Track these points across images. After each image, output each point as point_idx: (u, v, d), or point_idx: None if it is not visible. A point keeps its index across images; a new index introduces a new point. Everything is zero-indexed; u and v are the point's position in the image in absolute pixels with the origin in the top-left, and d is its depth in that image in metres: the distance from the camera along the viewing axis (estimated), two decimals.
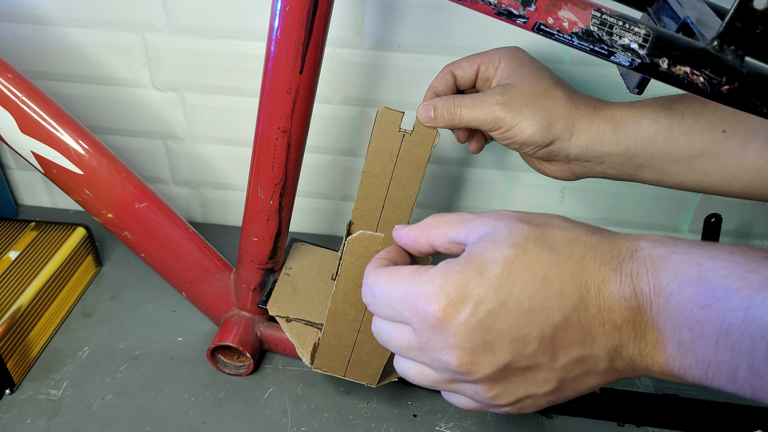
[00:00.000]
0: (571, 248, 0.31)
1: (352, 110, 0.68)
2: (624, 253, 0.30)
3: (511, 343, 0.30)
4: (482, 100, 0.47)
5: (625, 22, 0.35)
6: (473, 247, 0.32)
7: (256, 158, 0.50)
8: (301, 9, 0.42)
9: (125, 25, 0.65)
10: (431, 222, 0.36)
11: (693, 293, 0.27)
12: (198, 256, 0.58)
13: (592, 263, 0.30)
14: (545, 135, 0.46)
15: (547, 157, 0.49)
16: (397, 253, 0.37)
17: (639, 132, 0.46)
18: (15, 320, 0.57)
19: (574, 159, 0.49)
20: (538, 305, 0.29)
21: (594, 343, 0.30)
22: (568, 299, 0.29)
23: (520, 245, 0.30)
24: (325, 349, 0.49)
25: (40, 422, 0.54)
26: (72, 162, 0.51)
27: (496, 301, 0.29)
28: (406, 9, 0.60)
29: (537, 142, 0.47)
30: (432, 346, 0.31)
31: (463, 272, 0.30)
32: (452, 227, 0.35)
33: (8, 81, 0.49)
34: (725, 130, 0.44)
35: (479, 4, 0.36)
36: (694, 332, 0.27)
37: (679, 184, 0.48)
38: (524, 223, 0.32)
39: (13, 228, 0.68)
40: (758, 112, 0.35)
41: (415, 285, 0.31)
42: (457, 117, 0.48)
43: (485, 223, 0.33)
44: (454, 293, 0.30)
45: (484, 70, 0.50)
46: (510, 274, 0.30)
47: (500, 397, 0.32)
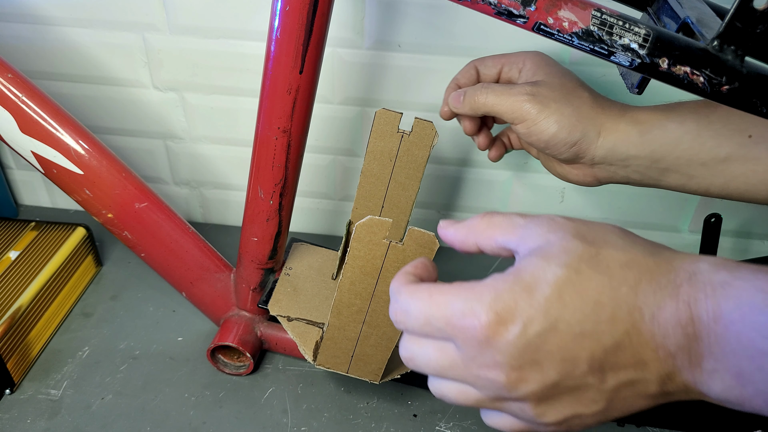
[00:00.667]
0: (626, 271, 0.30)
1: (352, 110, 0.68)
2: (682, 276, 0.29)
3: (560, 364, 0.29)
4: (511, 88, 0.46)
5: (625, 22, 0.35)
6: (524, 263, 0.30)
7: (256, 158, 0.50)
8: (301, 9, 0.42)
9: (125, 25, 0.65)
10: (480, 223, 0.34)
11: (756, 322, 0.26)
12: (198, 256, 0.58)
13: (647, 288, 0.29)
14: (571, 132, 0.46)
15: (571, 159, 0.48)
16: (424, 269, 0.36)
17: (665, 135, 0.45)
18: (15, 320, 0.57)
19: (599, 162, 0.48)
20: (588, 329, 0.29)
21: (645, 368, 0.29)
22: (620, 324, 0.28)
23: (572, 266, 0.29)
24: (328, 344, 0.49)
25: (40, 422, 0.54)
26: (72, 162, 0.51)
27: (546, 323, 0.29)
28: (406, 9, 0.60)
29: (563, 139, 0.46)
30: (477, 362, 0.30)
31: (513, 291, 0.29)
32: (502, 232, 0.33)
33: (8, 81, 0.49)
34: (752, 135, 0.44)
35: (479, 4, 0.36)
36: (756, 363, 0.26)
37: (703, 190, 0.47)
38: (579, 239, 0.31)
39: (13, 228, 0.68)
40: (758, 112, 0.35)
41: (461, 301, 0.30)
42: (482, 101, 0.47)
43: (538, 234, 0.32)
44: (503, 311, 0.29)
45: (507, 70, 0.50)
46: (560, 298, 0.29)
47: (546, 415, 0.31)
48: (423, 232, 0.40)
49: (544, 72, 0.48)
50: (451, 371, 0.32)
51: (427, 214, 0.76)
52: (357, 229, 0.40)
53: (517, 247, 0.32)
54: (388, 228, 0.40)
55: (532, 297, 0.29)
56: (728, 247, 0.73)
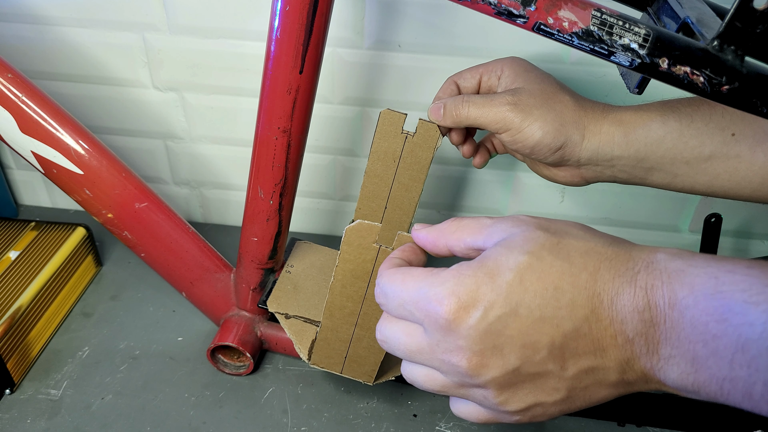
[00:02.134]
0: (586, 258, 0.30)
1: (352, 110, 0.68)
2: (639, 264, 0.29)
3: (520, 349, 0.30)
4: (492, 99, 0.47)
5: (625, 22, 0.35)
6: (488, 252, 0.32)
7: (256, 158, 0.50)
8: (301, 9, 0.42)
9: (125, 25, 0.65)
10: (450, 226, 0.35)
11: (709, 307, 0.27)
12: (198, 256, 0.58)
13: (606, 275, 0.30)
14: (556, 137, 0.46)
15: (557, 163, 0.48)
16: (412, 252, 0.37)
17: (648, 134, 0.45)
18: (15, 320, 0.57)
19: (585, 163, 0.48)
20: (548, 314, 0.29)
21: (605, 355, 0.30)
22: (580, 310, 0.29)
23: (534, 253, 0.30)
24: (322, 344, 0.49)
25: (40, 422, 0.54)
26: (72, 162, 0.51)
27: (507, 308, 0.29)
28: (406, 9, 0.60)
29: (548, 144, 0.46)
30: (442, 347, 0.31)
31: (475, 276, 0.30)
32: (470, 233, 0.34)
33: (8, 81, 0.49)
34: (734, 133, 0.44)
35: (479, 4, 0.36)
36: (709, 347, 0.27)
37: (688, 188, 0.47)
38: (541, 230, 0.32)
39: (13, 228, 0.68)
40: (758, 112, 0.35)
41: (426, 286, 0.31)
42: (464, 114, 0.47)
43: (502, 229, 0.33)
44: (465, 296, 0.30)
45: (486, 79, 0.50)
46: (522, 282, 0.30)
47: (509, 403, 0.32)
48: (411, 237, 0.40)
49: (523, 78, 0.48)
50: (418, 355, 0.33)
51: (428, 215, 0.76)
52: (347, 233, 0.40)
53: (484, 243, 0.33)
54: (377, 232, 0.40)
55: (493, 281, 0.30)
56: (728, 247, 0.73)
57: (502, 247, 0.31)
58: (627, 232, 0.74)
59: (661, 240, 0.74)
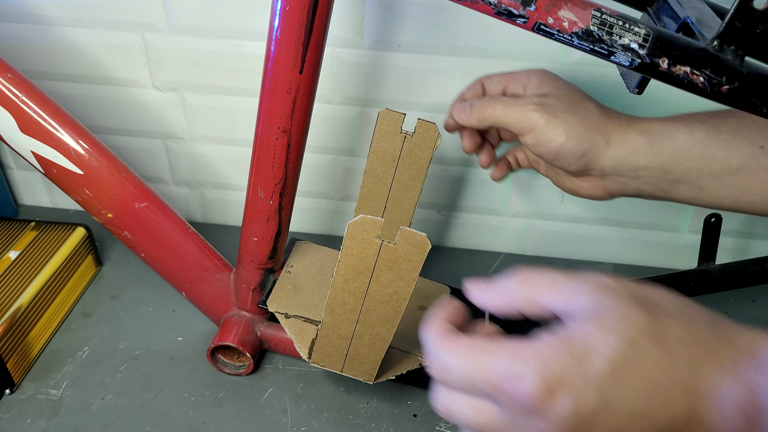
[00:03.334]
0: (687, 349, 0.28)
1: (352, 110, 0.68)
2: (742, 355, 0.28)
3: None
4: (518, 99, 0.46)
5: (625, 22, 0.35)
6: (575, 328, 0.28)
7: (256, 158, 0.50)
8: (301, 9, 0.42)
9: (125, 25, 0.65)
10: (515, 285, 0.32)
11: None
12: (198, 256, 0.58)
13: (707, 368, 0.27)
14: (580, 141, 0.45)
15: (581, 171, 0.47)
16: (457, 312, 0.34)
17: (675, 145, 0.44)
18: (15, 320, 0.57)
19: (609, 173, 0.47)
20: (644, 409, 0.27)
21: None
22: (677, 405, 0.27)
23: (631, 340, 0.27)
24: (323, 342, 0.49)
25: (40, 422, 0.54)
26: (72, 162, 0.51)
27: (600, 400, 0.27)
28: (406, 9, 0.60)
29: (572, 149, 0.45)
30: (522, 428, 0.29)
31: (562, 359, 0.27)
32: (544, 293, 0.31)
33: (8, 81, 0.49)
34: (763, 146, 0.43)
35: (479, 3, 0.36)
36: None
37: (716, 203, 0.46)
38: (636, 306, 0.28)
39: (13, 228, 0.68)
40: (758, 112, 0.35)
41: (505, 363, 0.28)
42: (490, 112, 0.46)
43: (587, 294, 0.29)
44: (553, 381, 0.27)
45: (512, 87, 0.50)
46: (617, 374, 0.27)
47: None
48: (414, 233, 0.40)
49: (550, 85, 0.47)
50: (490, 429, 0.30)
51: (427, 214, 0.76)
52: (349, 227, 0.40)
53: (563, 308, 0.30)
54: (380, 227, 0.40)
55: (584, 369, 0.27)
56: (728, 247, 0.73)
57: (592, 324, 0.28)
58: (627, 232, 0.74)
59: (660, 240, 0.74)
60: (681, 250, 0.74)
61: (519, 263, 0.76)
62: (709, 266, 0.58)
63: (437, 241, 0.79)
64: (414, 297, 0.59)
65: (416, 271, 0.42)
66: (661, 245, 0.74)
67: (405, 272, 0.42)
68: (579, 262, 0.76)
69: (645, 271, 0.74)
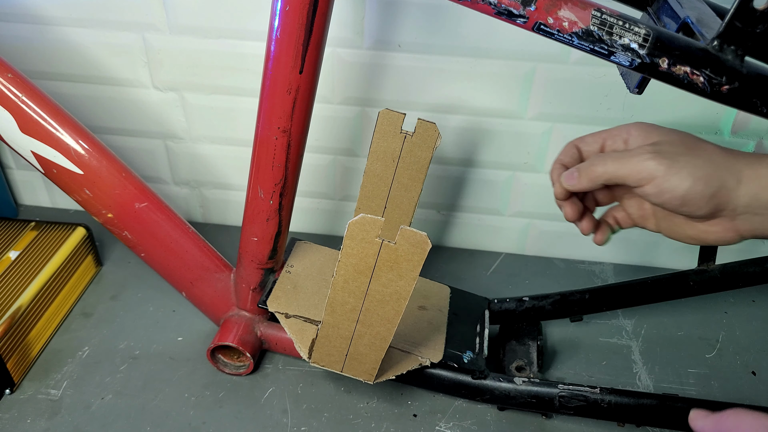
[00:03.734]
0: None
1: (352, 110, 0.68)
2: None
3: None
4: (629, 152, 0.43)
5: (625, 21, 0.35)
6: None
7: (256, 158, 0.50)
8: (301, 9, 0.42)
9: (125, 25, 0.65)
10: (732, 421, 0.35)
11: None
12: (198, 256, 0.58)
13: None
14: (709, 182, 0.41)
15: (710, 214, 0.43)
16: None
17: None
18: (15, 320, 0.57)
19: (742, 213, 0.43)
20: None
21: None
22: None
23: None
24: (323, 341, 0.49)
25: (40, 422, 0.54)
26: (72, 162, 0.51)
27: None
28: (406, 9, 0.60)
29: (701, 191, 0.41)
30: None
31: None
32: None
33: (8, 81, 0.49)
34: None
35: (479, 3, 0.36)
36: None
37: None
38: None
39: (13, 228, 0.68)
40: (758, 112, 0.35)
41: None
42: (601, 170, 0.44)
43: None
44: None
45: (610, 144, 0.47)
46: None
47: None
48: (415, 232, 0.40)
49: (657, 134, 0.44)
50: None
51: (428, 215, 0.76)
52: (350, 227, 0.40)
53: None
54: (380, 226, 0.40)
55: None
56: (729, 247, 0.73)
57: None
58: (627, 232, 0.74)
59: (661, 240, 0.74)
60: (681, 250, 0.74)
61: (519, 263, 0.76)
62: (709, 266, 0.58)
63: (437, 241, 0.79)
64: (414, 297, 0.59)
65: (416, 270, 0.42)
66: (660, 245, 0.74)
67: (405, 272, 0.42)
68: (579, 262, 0.76)
69: (645, 271, 0.74)
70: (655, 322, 0.67)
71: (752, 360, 0.63)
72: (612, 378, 0.61)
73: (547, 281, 0.73)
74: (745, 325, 0.67)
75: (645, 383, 0.60)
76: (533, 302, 0.63)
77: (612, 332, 0.66)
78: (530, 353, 0.59)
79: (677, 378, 0.61)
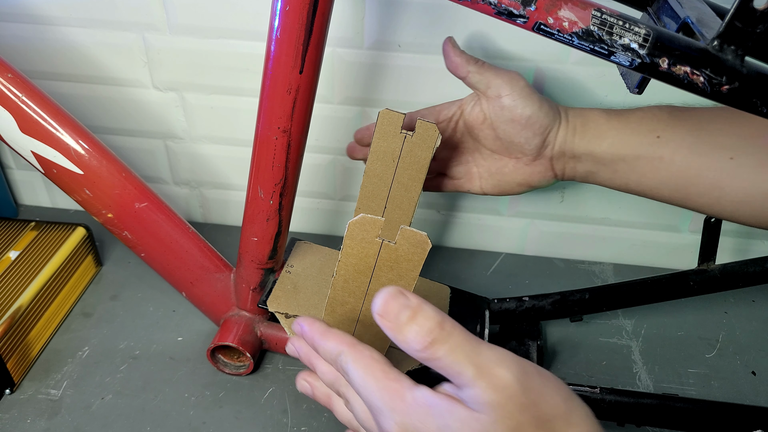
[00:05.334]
0: None
1: (352, 110, 0.68)
2: None
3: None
4: (506, 70, 0.52)
5: (625, 21, 0.35)
6: None
7: (256, 158, 0.50)
8: (301, 9, 0.42)
9: (125, 25, 0.65)
10: None
11: None
12: (198, 256, 0.58)
13: None
14: (548, 114, 0.51)
15: (537, 150, 0.52)
16: None
17: (597, 128, 0.51)
18: (15, 320, 0.57)
19: (557, 156, 0.52)
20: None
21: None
22: None
23: None
24: None
25: (40, 422, 0.54)
26: (72, 162, 0.51)
27: None
28: (406, 9, 0.60)
29: (541, 119, 0.50)
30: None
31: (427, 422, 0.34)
32: None
33: (8, 81, 0.49)
34: (660, 136, 0.49)
35: (479, 3, 0.36)
36: None
37: (624, 185, 0.53)
38: None
39: (13, 228, 0.68)
40: (758, 111, 0.35)
41: None
42: (486, 73, 0.52)
43: None
44: None
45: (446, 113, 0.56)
46: None
47: None
48: (415, 232, 0.40)
49: None
50: None
51: (428, 215, 0.76)
52: (350, 227, 0.40)
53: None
54: (381, 226, 0.40)
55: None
56: (729, 247, 0.73)
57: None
58: (627, 232, 0.74)
59: (660, 240, 0.74)
60: (681, 250, 0.74)
61: (519, 263, 0.76)
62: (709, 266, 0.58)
63: (437, 241, 0.79)
64: None
65: (416, 270, 0.42)
66: (661, 245, 0.74)
67: (405, 272, 0.42)
68: (579, 262, 0.76)
69: (645, 271, 0.74)
70: (655, 322, 0.67)
71: (752, 360, 0.63)
72: (612, 378, 0.61)
73: (547, 281, 0.73)
74: (745, 325, 0.67)
75: (645, 383, 0.60)
76: (533, 302, 0.63)
77: (612, 332, 0.66)
78: (530, 353, 0.59)
79: (677, 378, 0.61)
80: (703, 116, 0.50)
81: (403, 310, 0.34)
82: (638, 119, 0.50)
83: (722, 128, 0.48)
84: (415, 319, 0.33)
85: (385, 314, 0.34)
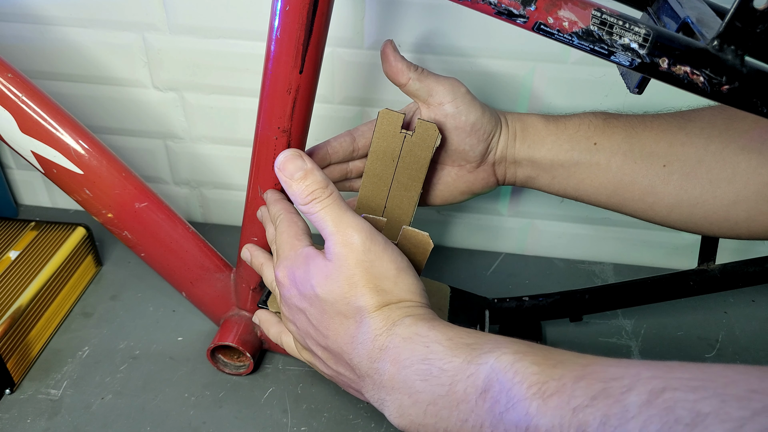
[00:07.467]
0: None
1: (352, 110, 0.68)
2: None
3: None
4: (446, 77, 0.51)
5: (625, 21, 0.35)
6: None
7: (256, 158, 0.50)
8: (301, 9, 0.42)
9: (125, 25, 0.65)
10: None
11: (419, 370, 0.35)
12: (198, 255, 0.58)
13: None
14: (491, 119, 0.50)
15: (481, 157, 0.52)
16: None
17: (536, 133, 0.51)
18: (15, 320, 0.57)
19: (499, 161, 0.52)
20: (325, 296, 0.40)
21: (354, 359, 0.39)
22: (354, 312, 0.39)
23: None
24: None
25: (40, 422, 0.54)
26: (72, 162, 0.51)
27: None
28: (406, 9, 0.60)
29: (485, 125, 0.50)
30: None
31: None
32: None
33: (8, 81, 0.49)
34: (596, 143, 0.50)
35: (479, 3, 0.36)
36: (413, 399, 0.36)
37: (563, 191, 0.53)
38: None
39: (13, 228, 0.68)
40: (758, 111, 0.35)
41: None
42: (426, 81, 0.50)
43: None
44: None
45: None
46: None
47: None
48: (417, 232, 0.40)
49: None
50: None
51: (428, 214, 0.76)
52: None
53: None
54: (382, 227, 0.40)
55: None
56: (729, 247, 0.73)
57: None
58: (627, 232, 0.74)
59: (660, 240, 0.74)
60: (681, 250, 0.74)
61: (519, 263, 0.76)
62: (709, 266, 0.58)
63: (437, 241, 0.79)
64: None
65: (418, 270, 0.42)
66: (661, 245, 0.74)
67: None
68: (579, 262, 0.76)
69: (645, 271, 0.74)
70: (655, 322, 0.67)
71: (752, 360, 0.63)
72: None
73: (547, 281, 0.73)
74: (745, 325, 0.67)
75: None
76: (533, 302, 0.63)
77: (612, 332, 0.66)
78: None
79: None
80: (636, 123, 0.50)
81: (298, 170, 0.42)
82: (575, 126, 0.50)
83: (655, 135, 0.49)
84: (305, 179, 0.42)
85: (282, 169, 0.43)
